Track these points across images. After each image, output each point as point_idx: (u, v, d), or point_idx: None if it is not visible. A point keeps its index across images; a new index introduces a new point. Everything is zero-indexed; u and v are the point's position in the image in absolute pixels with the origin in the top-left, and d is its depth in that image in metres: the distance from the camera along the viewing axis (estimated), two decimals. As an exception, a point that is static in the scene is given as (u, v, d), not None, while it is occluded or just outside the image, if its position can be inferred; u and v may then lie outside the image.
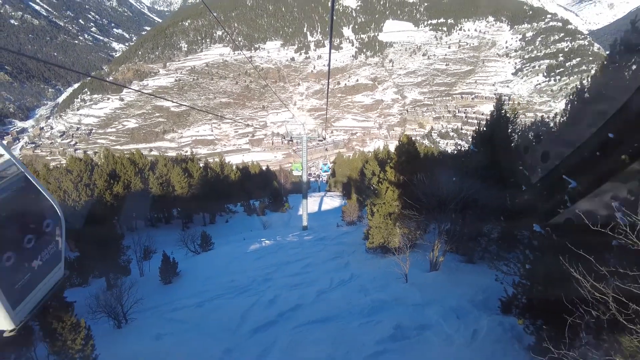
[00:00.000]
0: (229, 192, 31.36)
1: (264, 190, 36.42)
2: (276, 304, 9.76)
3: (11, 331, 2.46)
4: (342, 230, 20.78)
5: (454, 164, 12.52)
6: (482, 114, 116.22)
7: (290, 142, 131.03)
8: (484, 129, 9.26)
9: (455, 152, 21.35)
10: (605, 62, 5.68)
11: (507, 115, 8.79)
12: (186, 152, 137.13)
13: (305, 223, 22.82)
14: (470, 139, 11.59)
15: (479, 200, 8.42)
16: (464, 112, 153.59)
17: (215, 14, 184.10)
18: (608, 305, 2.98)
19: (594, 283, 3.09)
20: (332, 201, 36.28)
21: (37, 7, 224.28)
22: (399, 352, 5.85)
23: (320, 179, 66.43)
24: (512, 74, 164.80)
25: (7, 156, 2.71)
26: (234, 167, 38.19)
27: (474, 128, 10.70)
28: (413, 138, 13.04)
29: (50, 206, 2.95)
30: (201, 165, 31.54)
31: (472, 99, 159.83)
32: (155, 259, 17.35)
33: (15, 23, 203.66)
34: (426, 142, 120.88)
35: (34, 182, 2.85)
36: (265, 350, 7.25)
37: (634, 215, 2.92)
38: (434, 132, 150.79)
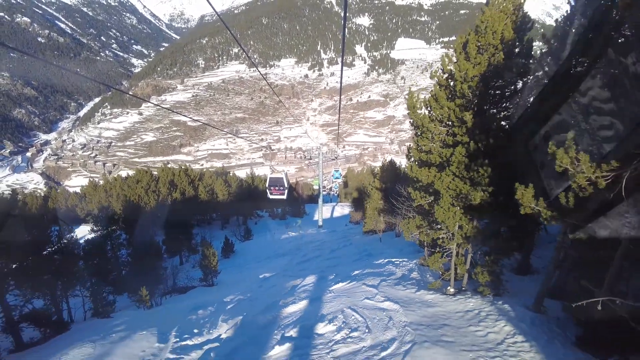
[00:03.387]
0: (257, 199, 39.54)
1: (278, 202, 44.45)
2: (306, 257, 17.68)
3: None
4: (349, 227, 28.67)
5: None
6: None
7: (309, 160, 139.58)
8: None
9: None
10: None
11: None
12: (202, 165, 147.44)
13: (320, 223, 30.66)
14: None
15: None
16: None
17: (231, 32, 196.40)
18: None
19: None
20: (343, 209, 44.16)
21: (62, 26, 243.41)
22: (366, 258, 13.69)
23: (332, 192, 74.43)
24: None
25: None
26: (262, 179, 46.56)
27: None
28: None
29: (288, 182, 13.14)
30: (239, 176, 39.92)
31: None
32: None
33: (42, 41, 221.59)
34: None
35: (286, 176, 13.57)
36: (305, 268, 15.12)
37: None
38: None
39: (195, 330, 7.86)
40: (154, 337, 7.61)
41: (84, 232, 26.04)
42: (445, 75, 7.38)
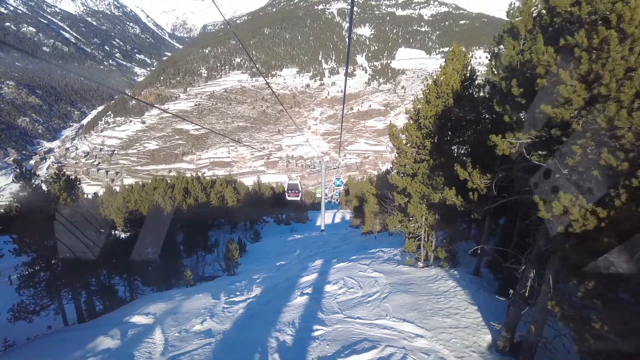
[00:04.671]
0: (264, 205, 42.83)
1: (289, 206, 47.76)
2: (312, 254, 20.86)
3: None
4: (349, 231, 31.87)
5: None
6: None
7: (311, 169, 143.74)
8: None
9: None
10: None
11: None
12: (204, 173, 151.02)
13: (322, 227, 33.80)
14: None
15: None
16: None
17: (235, 41, 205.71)
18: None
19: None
20: (343, 216, 47.39)
21: (67, 35, 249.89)
22: (362, 250, 16.91)
23: (334, 199, 77.83)
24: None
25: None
26: (267, 186, 49.91)
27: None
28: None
29: (301, 187, 17.49)
30: (246, 184, 43.21)
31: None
32: (219, 247, 28.34)
33: (47, 50, 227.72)
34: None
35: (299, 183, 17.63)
36: (311, 260, 18.29)
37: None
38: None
39: (238, 293, 11.10)
40: (209, 297, 10.83)
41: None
42: (416, 112, 10.72)
